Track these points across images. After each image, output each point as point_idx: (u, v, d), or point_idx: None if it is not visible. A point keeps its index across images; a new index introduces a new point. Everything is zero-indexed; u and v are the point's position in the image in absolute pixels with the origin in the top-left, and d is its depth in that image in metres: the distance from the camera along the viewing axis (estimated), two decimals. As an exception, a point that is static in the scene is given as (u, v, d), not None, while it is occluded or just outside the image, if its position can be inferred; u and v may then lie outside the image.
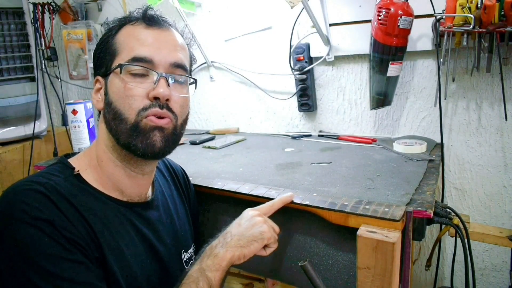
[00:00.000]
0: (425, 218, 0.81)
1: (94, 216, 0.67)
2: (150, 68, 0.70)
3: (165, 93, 0.69)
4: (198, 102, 1.78)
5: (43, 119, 1.72)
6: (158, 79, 0.70)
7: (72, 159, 0.76)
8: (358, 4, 1.31)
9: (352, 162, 1.13)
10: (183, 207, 0.92)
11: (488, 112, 1.25)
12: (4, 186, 1.56)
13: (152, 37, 0.71)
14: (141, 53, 0.70)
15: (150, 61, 0.70)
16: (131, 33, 0.72)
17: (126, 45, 0.71)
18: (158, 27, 0.73)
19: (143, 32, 0.72)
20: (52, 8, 1.73)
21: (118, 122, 0.69)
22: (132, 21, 0.74)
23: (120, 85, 0.69)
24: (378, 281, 0.76)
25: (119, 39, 0.72)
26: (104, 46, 0.74)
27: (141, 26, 0.73)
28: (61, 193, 0.65)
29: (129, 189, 0.76)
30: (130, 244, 0.72)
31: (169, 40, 0.74)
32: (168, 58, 0.72)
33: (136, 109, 0.69)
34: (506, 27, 1.03)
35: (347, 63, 1.42)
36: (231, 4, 1.57)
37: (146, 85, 0.70)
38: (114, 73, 0.71)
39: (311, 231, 0.90)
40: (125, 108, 0.69)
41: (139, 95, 0.69)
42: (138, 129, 0.69)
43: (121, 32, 0.73)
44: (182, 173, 0.98)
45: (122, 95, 0.69)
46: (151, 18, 0.74)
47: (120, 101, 0.69)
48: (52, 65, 1.89)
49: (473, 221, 1.23)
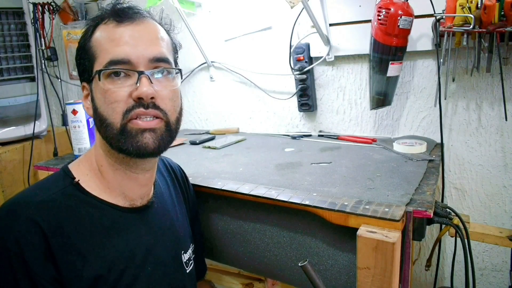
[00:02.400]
0: (425, 218, 0.81)
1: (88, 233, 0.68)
2: (129, 69, 0.67)
3: (148, 92, 0.66)
4: (198, 102, 1.78)
5: (43, 119, 1.72)
6: (140, 78, 0.66)
7: (73, 164, 0.75)
8: (358, 4, 1.31)
9: (352, 162, 1.13)
10: (182, 207, 0.92)
11: (488, 112, 1.25)
12: (4, 186, 1.56)
13: (125, 35, 0.67)
14: (116, 55, 0.66)
15: (127, 61, 0.66)
16: (104, 34, 0.68)
17: (101, 48, 0.68)
18: (131, 22, 0.68)
19: (115, 31, 0.67)
20: (52, 8, 1.73)
21: (105, 128, 0.68)
22: (104, 19, 0.70)
23: (102, 90, 0.67)
24: (378, 281, 0.76)
25: (94, 42, 0.69)
26: (82, 51, 0.71)
27: (112, 24, 0.68)
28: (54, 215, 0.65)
29: (132, 191, 0.75)
30: (129, 253, 0.72)
31: (145, 34, 0.69)
32: (146, 54, 0.67)
33: (120, 112, 0.66)
34: (506, 27, 1.03)
35: (347, 63, 1.42)
36: (231, 4, 1.57)
37: (128, 86, 0.67)
38: (95, 79, 0.68)
39: (311, 231, 0.90)
40: (109, 113, 0.67)
41: (122, 98, 0.66)
42: (125, 133, 0.67)
43: (95, 33, 0.69)
44: (181, 172, 0.97)
45: (105, 100, 0.67)
46: (121, 13, 0.69)
47: (104, 107, 0.67)
48: (52, 65, 1.88)
49: (473, 221, 1.23)
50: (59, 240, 0.65)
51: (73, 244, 0.66)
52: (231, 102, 1.70)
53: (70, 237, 0.66)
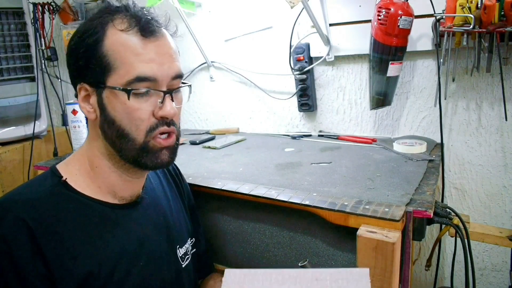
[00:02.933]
0: (425, 218, 0.81)
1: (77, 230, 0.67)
2: (155, 89, 0.67)
3: (173, 112, 0.68)
4: (198, 102, 1.78)
5: (43, 119, 1.72)
6: (164, 98, 0.67)
7: (61, 164, 0.75)
8: (358, 4, 1.31)
9: (352, 162, 1.13)
10: (177, 202, 0.91)
11: (488, 112, 1.25)
12: (4, 186, 1.56)
13: (152, 51, 0.66)
14: (144, 73, 0.65)
15: (154, 80, 0.66)
16: (126, 45, 0.65)
17: (123, 59, 0.65)
18: (155, 37, 0.67)
19: (141, 45, 0.65)
20: (52, 8, 1.73)
21: (124, 141, 0.68)
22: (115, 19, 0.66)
23: (125, 105, 0.66)
24: (378, 281, 0.76)
25: (111, 49, 0.65)
26: (90, 53, 0.66)
27: (136, 35, 0.66)
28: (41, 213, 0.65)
29: (124, 191, 0.76)
30: (120, 249, 0.72)
31: (167, 51, 0.68)
32: (170, 73, 0.68)
33: (144, 130, 0.67)
34: (506, 27, 1.03)
35: (347, 63, 1.42)
36: (231, 4, 1.57)
37: (151, 104, 0.67)
38: (112, 91, 0.66)
39: (311, 231, 0.90)
40: (132, 129, 0.67)
41: (146, 117, 0.67)
42: (146, 149, 0.69)
43: (109, 38, 0.66)
44: (174, 168, 0.97)
45: (128, 116, 0.67)
46: (146, 27, 0.66)
47: (126, 122, 0.67)
48: (52, 65, 1.88)
49: (473, 221, 1.23)
50: (48, 237, 0.64)
51: (62, 241, 0.65)
52: (231, 102, 1.70)
53: (59, 234, 0.65)
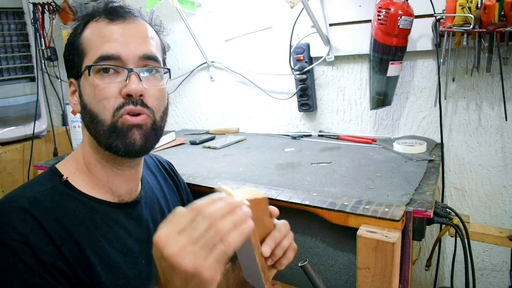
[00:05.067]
0: (425, 218, 0.81)
1: (82, 227, 0.67)
2: (119, 66, 0.67)
3: (137, 89, 0.67)
4: (198, 102, 1.78)
5: (43, 119, 1.72)
6: (129, 75, 0.67)
7: (61, 164, 0.75)
8: (358, 4, 1.31)
9: (352, 162, 1.13)
10: (175, 200, 0.92)
11: (488, 112, 1.25)
12: (4, 186, 1.56)
13: (116, 32, 0.68)
14: (107, 51, 0.67)
15: (117, 57, 0.67)
16: (95, 31, 0.69)
17: (91, 44, 0.69)
18: (122, 20, 0.70)
19: (107, 28, 0.69)
20: (52, 8, 1.73)
21: (95, 124, 0.68)
22: (95, 17, 0.71)
23: (92, 86, 0.67)
24: (378, 281, 0.76)
25: (85, 38, 0.70)
26: (71, 47, 0.71)
27: (104, 21, 0.70)
28: (47, 208, 0.64)
29: (120, 187, 0.75)
30: (122, 247, 0.72)
31: (136, 33, 0.70)
32: (136, 52, 0.68)
33: (111, 109, 0.67)
34: (506, 27, 1.03)
35: (347, 63, 1.42)
36: (231, 4, 1.57)
37: (118, 83, 0.67)
38: (85, 75, 0.69)
39: (311, 231, 0.90)
40: (99, 110, 0.67)
41: (112, 95, 0.67)
42: (116, 130, 0.67)
43: (86, 30, 0.70)
44: (169, 166, 0.97)
45: (95, 97, 0.67)
46: (113, 12, 0.70)
47: (94, 103, 0.68)
48: (52, 65, 1.88)
49: (473, 221, 1.23)
50: (56, 230, 0.64)
51: (70, 234, 0.65)
52: (231, 102, 1.70)
53: (65, 228, 0.65)
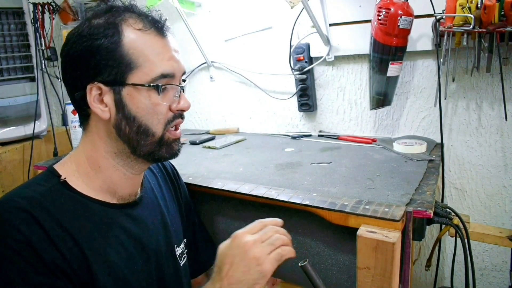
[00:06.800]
0: (425, 218, 0.81)
1: (81, 227, 0.67)
2: (173, 84, 0.72)
3: (189, 105, 0.74)
4: (198, 102, 1.78)
5: (43, 119, 1.72)
6: (180, 92, 0.73)
7: (58, 165, 0.74)
8: (358, 4, 1.31)
9: (352, 162, 1.13)
10: (173, 202, 0.92)
11: (488, 112, 1.25)
12: (4, 186, 1.56)
13: (169, 49, 0.71)
14: (167, 70, 0.70)
15: (173, 76, 0.71)
16: (148, 44, 0.69)
17: (147, 58, 0.68)
18: (168, 36, 0.73)
19: (159, 43, 0.70)
20: (52, 8, 1.73)
21: (143, 135, 0.71)
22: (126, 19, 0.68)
23: (148, 101, 0.69)
24: (378, 281, 0.76)
25: (132, 48, 0.67)
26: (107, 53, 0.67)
27: (153, 34, 0.70)
28: (46, 208, 0.64)
29: (124, 190, 0.76)
30: (120, 248, 0.72)
31: (176, 48, 0.74)
32: (182, 69, 0.74)
33: (163, 123, 0.72)
34: (506, 27, 1.03)
35: (347, 63, 1.42)
36: (231, 4, 1.57)
37: (169, 98, 0.72)
38: (135, 87, 0.68)
39: (311, 231, 0.90)
40: (153, 124, 0.71)
41: (166, 110, 0.72)
42: (163, 141, 0.73)
43: (128, 37, 0.67)
44: (172, 169, 0.97)
45: (151, 111, 0.70)
46: (162, 27, 0.71)
47: (148, 117, 0.70)
48: (52, 65, 1.88)
49: (473, 221, 1.23)
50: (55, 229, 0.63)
51: (69, 233, 0.65)
52: (231, 102, 1.70)
53: (64, 228, 0.65)
